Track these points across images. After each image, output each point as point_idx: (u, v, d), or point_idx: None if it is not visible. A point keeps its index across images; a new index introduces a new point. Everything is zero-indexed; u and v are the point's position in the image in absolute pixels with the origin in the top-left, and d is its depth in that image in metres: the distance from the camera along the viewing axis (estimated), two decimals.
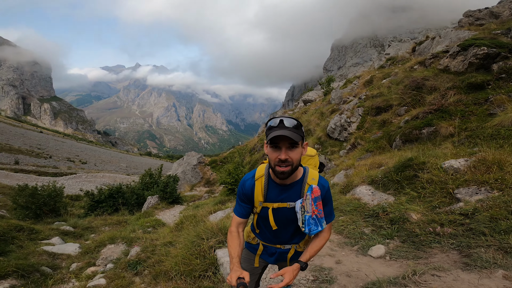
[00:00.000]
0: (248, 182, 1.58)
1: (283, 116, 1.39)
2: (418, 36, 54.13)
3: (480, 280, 2.16)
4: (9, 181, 27.62)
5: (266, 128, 1.43)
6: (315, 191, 1.44)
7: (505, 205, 2.85)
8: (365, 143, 8.60)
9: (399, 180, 4.29)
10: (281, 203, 1.52)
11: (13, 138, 71.27)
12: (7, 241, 5.15)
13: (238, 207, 1.63)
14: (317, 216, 1.46)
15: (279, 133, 1.30)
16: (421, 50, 12.90)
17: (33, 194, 9.84)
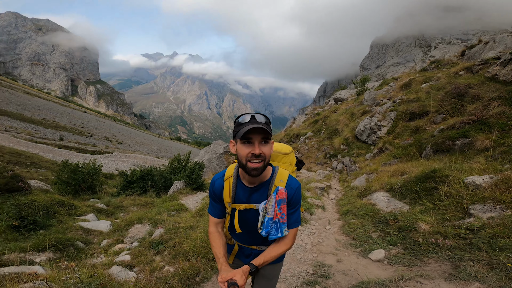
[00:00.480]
0: (217, 182, 1.53)
1: (253, 112, 1.37)
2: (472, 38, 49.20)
3: None
4: (52, 156, 30.33)
5: (235, 125, 1.38)
6: (280, 193, 1.39)
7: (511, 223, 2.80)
8: (394, 148, 8.27)
9: (418, 191, 4.24)
10: (248, 205, 1.47)
11: (60, 116, 78.18)
12: (49, 215, 5.72)
13: (211, 207, 1.59)
14: (279, 220, 1.40)
15: (253, 126, 1.26)
16: (471, 54, 11.84)
17: (74, 170, 10.71)
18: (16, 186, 6.23)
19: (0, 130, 40.15)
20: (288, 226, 1.45)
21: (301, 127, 21.75)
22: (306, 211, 4.74)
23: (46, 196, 6.62)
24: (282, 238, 1.44)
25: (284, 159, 1.71)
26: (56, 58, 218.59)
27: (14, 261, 3.30)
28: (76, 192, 10.31)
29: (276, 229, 1.40)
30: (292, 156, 1.75)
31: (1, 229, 4.49)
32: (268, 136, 1.31)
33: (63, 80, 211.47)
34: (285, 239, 1.45)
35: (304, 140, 16.98)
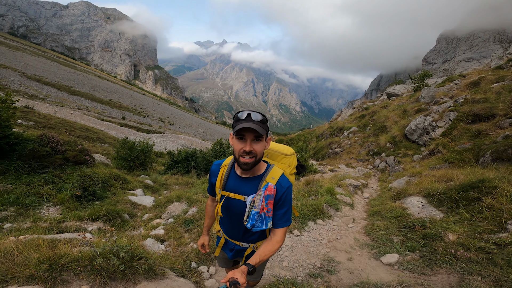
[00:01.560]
0: (215, 167, 1.66)
1: (251, 110, 1.41)
2: None
3: None
4: (115, 133, 34.06)
5: (234, 119, 1.45)
6: (269, 189, 1.43)
7: None
8: (447, 152, 7.46)
9: (458, 200, 3.87)
10: (237, 195, 1.53)
11: (124, 98, 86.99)
12: (105, 187, 6.51)
13: (209, 186, 1.77)
14: (265, 214, 1.45)
15: (246, 125, 1.32)
16: None
17: (131, 148, 12.00)
18: (83, 159, 7.33)
19: (74, 108, 46.47)
20: (279, 225, 1.49)
21: (347, 120, 20.74)
22: (331, 207, 4.69)
23: (105, 170, 7.64)
24: (273, 236, 1.50)
25: (284, 160, 1.75)
26: (122, 45, 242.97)
27: (71, 229, 3.92)
28: (130, 167, 11.39)
29: (261, 222, 1.46)
30: (292, 159, 1.78)
31: (65, 198, 5.30)
32: (261, 135, 1.36)
33: (127, 65, 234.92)
34: (276, 237, 1.49)
35: (347, 135, 16.25)
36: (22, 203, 4.70)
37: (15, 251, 1.93)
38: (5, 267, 1.74)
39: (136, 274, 1.95)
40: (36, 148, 6.28)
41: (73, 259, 1.89)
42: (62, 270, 1.82)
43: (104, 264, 1.86)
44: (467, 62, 68.54)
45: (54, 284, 1.75)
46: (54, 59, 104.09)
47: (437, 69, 76.37)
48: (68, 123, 27.21)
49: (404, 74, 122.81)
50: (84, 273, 1.84)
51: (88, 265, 1.87)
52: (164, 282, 2.01)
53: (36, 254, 1.88)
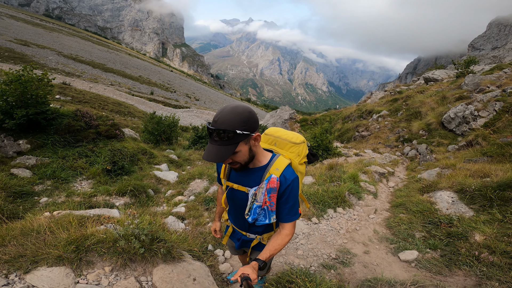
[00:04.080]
0: None
1: (214, 126, 1.20)
2: None
3: None
4: (144, 107, 35.41)
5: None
6: (271, 181, 1.35)
7: None
8: (487, 144, 6.82)
9: (492, 198, 3.54)
10: (241, 186, 1.47)
11: (152, 74, 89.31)
12: (133, 162, 6.83)
13: (217, 175, 1.70)
14: (268, 207, 1.39)
15: (206, 154, 1.23)
16: None
17: (158, 122, 12.39)
18: (114, 133, 7.73)
19: (107, 84, 48.65)
20: (288, 219, 1.43)
21: (377, 103, 19.60)
22: (353, 195, 4.52)
23: (134, 144, 8.00)
24: (282, 230, 1.45)
25: (293, 148, 1.62)
26: (150, 24, 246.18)
27: (101, 204, 4.16)
28: (157, 141, 11.64)
29: (264, 216, 1.41)
30: (302, 147, 1.64)
31: (97, 172, 5.65)
32: (229, 155, 1.23)
33: (155, 43, 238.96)
34: (285, 231, 1.44)
35: (376, 118, 15.42)
36: (58, 176, 5.10)
37: (47, 231, 2.09)
38: (35, 248, 1.90)
39: (154, 256, 2.05)
40: (71, 123, 6.70)
41: (98, 240, 2.01)
42: (88, 251, 1.96)
43: (126, 247, 1.96)
44: None
45: (79, 265, 1.88)
46: (88, 38, 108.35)
47: (485, 55, 69.46)
48: (102, 98, 28.72)
49: (446, 58, 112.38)
50: (107, 255, 1.96)
51: (111, 247, 1.98)
52: (180, 265, 2.09)
53: (65, 234, 2.03)
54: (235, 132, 1.19)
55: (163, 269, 1.99)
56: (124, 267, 1.94)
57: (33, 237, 2.02)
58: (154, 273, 1.97)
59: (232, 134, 1.19)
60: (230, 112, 1.20)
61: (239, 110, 1.21)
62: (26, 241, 1.96)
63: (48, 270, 1.76)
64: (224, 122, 1.18)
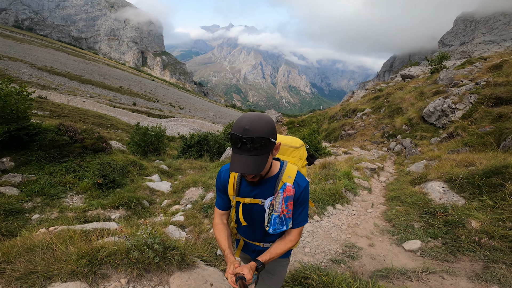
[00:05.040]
0: (223, 174, 1.48)
1: (246, 135, 1.13)
2: None
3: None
4: (127, 119, 34.58)
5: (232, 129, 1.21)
6: (288, 190, 1.33)
7: None
8: (467, 135, 7.20)
9: (480, 185, 3.76)
10: (253, 199, 1.41)
11: (133, 84, 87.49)
12: (124, 174, 6.65)
13: (218, 199, 1.55)
14: (285, 216, 1.36)
15: (240, 166, 1.15)
16: None
17: (145, 133, 12.19)
18: (101, 146, 7.50)
19: (86, 96, 47.15)
20: (295, 225, 1.42)
21: (359, 102, 20.21)
22: (349, 191, 4.64)
23: (122, 156, 7.79)
24: (287, 235, 1.44)
25: (294, 153, 1.62)
26: (128, 33, 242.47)
27: (96, 217, 4.00)
28: (145, 153, 11.52)
29: (281, 224, 1.37)
30: (302, 150, 1.64)
31: (87, 186, 5.45)
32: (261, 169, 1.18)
33: (134, 52, 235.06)
34: (290, 237, 1.43)
35: (361, 116, 15.89)
36: (47, 193, 4.88)
37: (53, 246, 2.00)
38: (46, 263, 1.81)
39: (169, 265, 2.02)
40: (56, 137, 6.45)
41: (110, 252, 1.96)
42: (101, 264, 1.90)
43: (140, 257, 1.92)
44: (486, 44, 65.76)
45: (94, 278, 1.82)
46: (62, 49, 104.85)
47: (454, 51, 73.83)
48: (82, 111, 27.75)
49: (419, 55, 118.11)
50: (121, 266, 1.90)
51: (125, 258, 1.93)
52: (195, 272, 2.07)
53: (75, 248, 1.95)
54: (269, 140, 1.15)
55: (179, 277, 1.96)
56: (140, 278, 1.90)
57: (39, 252, 1.94)
58: (171, 281, 1.93)
59: (267, 143, 1.15)
60: (259, 120, 1.15)
61: (267, 119, 1.18)
62: (33, 257, 1.87)
63: (64, 286, 1.70)
64: (257, 130, 1.12)
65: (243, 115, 1.20)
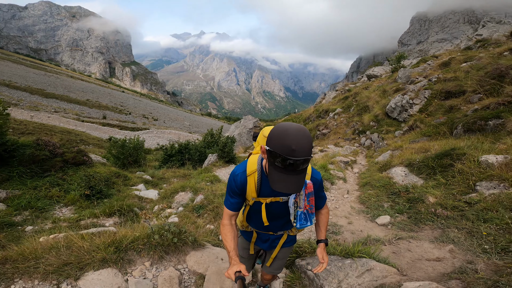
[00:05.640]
0: (240, 177, 1.47)
1: (293, 156, 1.08)
2: None
3: (432, 249, 2.71)
4: (97, 133, 33.09)
5: (274, 139, 1.13)
6: (309, 187, 1.42)
7: (508, 199, 3.07)
8: (425, 126, 8.16)
9: (434, 167, 4.47)
10: (274, 198, 1.47)
11: (102, 97, 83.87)
12: (109, 185, 6.71)
13: (229, 200, 1.53)
14: (308, 211, 1.46)
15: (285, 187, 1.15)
16: None
17: (123, 146, 12.02)
18: (82, 159, 7.43)
19: (50, 111, 44.54)
20: (322, 204, 1.63)
21: (331, 103, 21.39)
22: (327, 181, 5.18)
23: (105, 169, 7.77)
24: (324, 209, 1.64)
25: None
26: (93, 42, 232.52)
27: (90, 226, 4.12)
28: (124, 165, 11.33)
29: (305, 219, 1.46)
30: None
31: (75, 198, 5.48)
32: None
33: (101, 63, 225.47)
34: (325, 209, 1.67)
35: (333, 116, 16.90)
36: (35, 206, 4.87)
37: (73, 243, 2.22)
38: (75, 256, 2.03)
39: (185, 245, 2.35)
40: (35, 152, 6.35)
41: (133, 239, 2.23)
42: (126, 250, 2.16)
43: (159, 240, 2.22)
44: (440, 43, 71.58)
45: (122, 264, 2.08)
46: (20, 61, 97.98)
47: (412, 50, 79.33)
48: (47, 127, 26.20)
49: (382, 55, 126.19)
50: (144, 251, 2.20)
51: (146, 242, 2.22)
52: (207, 251, 2.43)
53: (101, 239, 2.20)
54: (311, 157, 1.17)
55: (195, 255, 2.31)
56: (161, 260, 2.20)
57: (62, 249, 2.14)
58: (188, 259, 2.28)
59: (309, 160, 1.16)
60: (304, 137, 1.10)
61: (307, 134, 1.14)
62: (59, 252, 2.09)
63: (97, 274, 1.95)
64: (304, 151, 1.09)
65: (284, 130, 1.13)
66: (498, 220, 2.83)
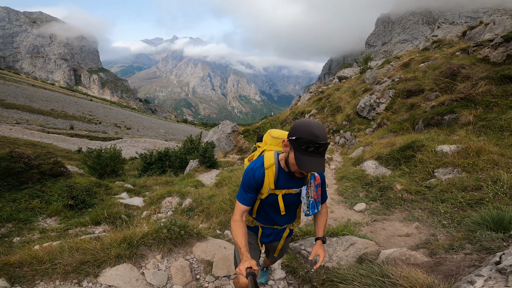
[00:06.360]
0: (258, 171, 1.58)
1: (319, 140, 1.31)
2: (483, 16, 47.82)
3: (402, 227, 3.20)
4: (65, 144, 31.30)
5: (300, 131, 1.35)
6: (317, 178, 1.60)
7: (460, 182, 3.63)
8: (391, 123, 8.94)
9: (399, 158, 5.04)
10: (288, 190, 1.62)
11: (68, 106, 79.34)
12: (91, 195, 6.62)
13: (245, 196, 1.61)
14: (316, 200, 1.63)
15: (315, 167, 1.33)
16: (471, 35, 12.08)
17: (98, 156, 11.65)
18: (59, 171, 7.20)
19: (12, 123, 41.42)
20: (323, 201, 1.77)
21: (306, 104, 22.25)
22: None
23: (84, 179, 7.59)
24: (323, 210, 1.80)
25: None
26: (55, 49, 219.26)
27: (80, 234, 4.14)
28: (102, 175, 11.00)
29: (313, 207, 1.63)
30: None
31: (59, 208, 5.38)
32: None
33: (65, 70, 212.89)
34: (324, 209, 1.81)
35: (308, 117, 17.65)
36: (17, 218, 4.74)
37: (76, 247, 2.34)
38: (91, 255, 2.16)
39: (190, 237, 2.62)
40: (10, 165, 6.11)
41: (143, 234, 2.43)
42: (138, 245, 2.36)
43: (168, 234, 2.44)
44: (402, 43, 76.60)
45: (136, 259, 2.27)
46: None
47: (378, 51, 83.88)
48: (10, 140, 24.41)
49: (351, 57, 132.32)
50: (154, 245, 2.42)
51: (156, 237, 2.42)
52: (210, 242, 2.70)
53: (109, 239, 2.34)
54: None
55: (200, 246, 2.62)
56: (170, 252, 2.42)
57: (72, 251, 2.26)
58: (194, 250, 2.56)
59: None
60: (320, 126, 1.37)
61: (321, 124, 1.42)
62: (72, 254, 2.21)
63: (114, 269, 2.12)
64: (324, 136, 1.34)
65: (307, 122, 1.38)
66: (453, 200, 3.35)
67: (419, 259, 1.89)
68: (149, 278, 2.14)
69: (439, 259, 1.85)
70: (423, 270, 1.56)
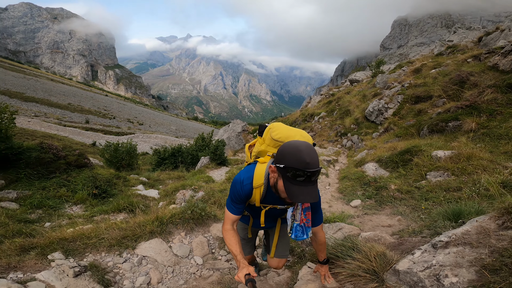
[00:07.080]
0: (246, 188, 1.54)
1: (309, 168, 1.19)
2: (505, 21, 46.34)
3: (386, 219, 3.57)
4: (81, 138, 32.37)
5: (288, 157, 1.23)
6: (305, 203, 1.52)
7: (446, 184, 3.94)
8: (397, 128, 9.14)
9: (397, 161, 5.35)
10: (272, 205, 1.61)
11: (84, 100, 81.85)
12: (111, 186, 7.17)
13: (233, 207, 1.59)
14: (305, 224, 1.55)
15: (307, 198, 1.23)
16: (487, 41, 12.04)
17: (116, 149, 12.36)
18: (84, 162, 7.81)
19: (30, 115, 43.24)
20: (317, 224, 1.70)
21: (316, 107, 22.44)
22: None
23: (105, 171, 8.20)
24: (318, 232, 1.73)
25: None
26: (74, 45, 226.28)
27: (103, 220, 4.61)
28: (118, 169, 11.70)
29: (302, 232, 1.55)
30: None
31: (83, 197, 5.93)
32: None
33: (83, 66, 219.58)
34: (320, 232, 1.75)
35: (318, 120, 17.88)
36: (46, 205, 5.28)
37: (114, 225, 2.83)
38: (131, 230, 2.68)
39: (208, 219, 3.15)
40: (41, 155, 6.73)
41: (172, 214, 2.91)
42: (167, 224, 2.86)
43: (191, 215, 2.94)
44: (419, 46, 75.07)
45: (165, 235, 2.77)
46: None
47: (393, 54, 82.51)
48: (28, 132, 25.61)
49: (365, 59, 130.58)
50: (179, 224, 2.96)
51: (181, 217, 2.91)
52: None
53: (142, 218, 2.82)
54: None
55: (216, 226, 3.21)
56: (192, 231, 2.95)
57: (111, 229, 2.74)
58: (211, 229, 3.12)
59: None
60: (313, 151, 1.25)
61: (313, 147, 1.29)
62: (113, 230, 2.69)
63: (148, 243, 2.64)
64: (315, 162, 1.22)
65: (296, 147, 1.25)
66: (435, 198, 3.73)
67: (387, 240, 2.28)
68: (175, 250, 2.71)
69: (402, 240, 2.23)
70: (385, 246, 1.95)
